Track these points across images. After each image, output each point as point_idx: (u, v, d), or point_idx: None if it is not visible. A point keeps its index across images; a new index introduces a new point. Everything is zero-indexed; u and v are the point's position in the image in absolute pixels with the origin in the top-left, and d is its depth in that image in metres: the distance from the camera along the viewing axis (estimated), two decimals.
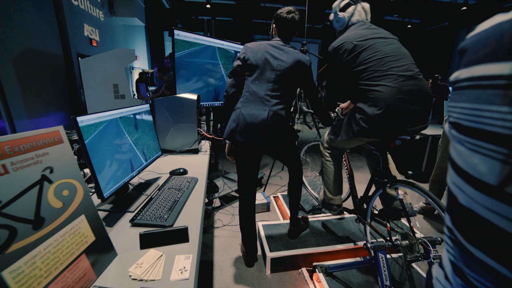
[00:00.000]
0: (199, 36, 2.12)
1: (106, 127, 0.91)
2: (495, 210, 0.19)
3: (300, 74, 1.36)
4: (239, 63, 1.38)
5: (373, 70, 1.19)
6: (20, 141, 0.50)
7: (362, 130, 1.22)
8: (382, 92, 1.15)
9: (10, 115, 2.28)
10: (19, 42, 2.61)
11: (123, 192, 1.07)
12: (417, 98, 1.15)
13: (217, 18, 10.32)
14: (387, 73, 1.17)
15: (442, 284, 0.26)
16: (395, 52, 1.21)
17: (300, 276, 1.54)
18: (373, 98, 1.17)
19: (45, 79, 2.97)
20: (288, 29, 1.38)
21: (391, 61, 1.18)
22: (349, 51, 1.26)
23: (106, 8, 5.02)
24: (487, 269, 0.20)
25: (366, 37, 1.25)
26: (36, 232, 0.50)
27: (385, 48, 1.22)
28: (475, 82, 0.20)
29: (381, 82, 1.17)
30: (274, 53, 1.34)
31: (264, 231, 1.80)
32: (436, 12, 8.70)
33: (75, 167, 0.62)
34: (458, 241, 0.23)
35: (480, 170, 0.20)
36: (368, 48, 1.23)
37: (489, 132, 0.19)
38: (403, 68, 1.17)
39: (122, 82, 2.32)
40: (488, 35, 0.20)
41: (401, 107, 1.14)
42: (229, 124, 1.37)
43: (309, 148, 2.29)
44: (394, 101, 1.13)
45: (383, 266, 1.19)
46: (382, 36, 1.27)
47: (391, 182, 1.32)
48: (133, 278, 0.62)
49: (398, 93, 1.13)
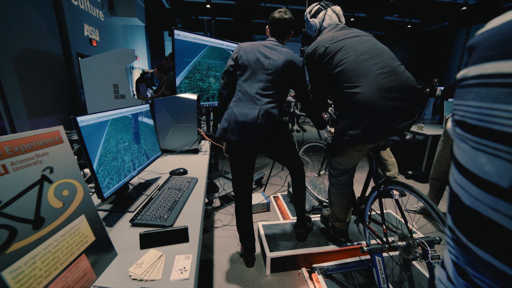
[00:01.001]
0: (199, 36, 2.12)
1: (106, 127, 0.91)
2: (503, 211, 0.18)
3: (291, 74, 1.36)
4: (231, 63, 1.40)
5: (350, 71, 1.15)
6: (20, 141, 0.50)
7: (350, 139, 1.17)
8: (362, 93, 1.11)
9: (10, 115, 2.28)
10: (19, 42, 2.61)
11: (123, 192, 1.07)
12: (401, 94, 1.10)
13: (217, 18, 10.32)
14: (365, 72, 1.13)
15: (444, 284, 0.26)
16: (370, 49, 1.17)
17: (300, 276, 1.54)
18: (354, 101, 1.13)
19: (45, 79, 2.97)
20: (278, 28, 1.40)
21: (367, 59, 1.14)
22: (322, 55, 1.23)
23: (106, 8, 5.02)
24: (491, 269, 0.20)
25: (338, 39, 1.22)
26: (36, 232, 0.50)
27: (359, 47, 1.18)
28: (484, 80, 0.20)
29: (360, 83, 1.12)
30: (266, 52, 1.35)
31: (264, 231, 1.80)
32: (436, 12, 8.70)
33: (75, 167, 0.62)
34: (460, 241, 0.23)
35: (487, 170, 0.19)
36: (341, 49, 1.19)
37: (498, 132, 0.18)
38: (381, 65, 1.12)
39: (122, 82, 2.33)
40: (499, 32, 0.19)
41: (387, 106, 1.09)
42: (221, 123, 1.38)
43: (308, 149, 2.29)
44: (378, 101, 1.09)
45: (380, 269, 1.19)
46: (355, 35, 1.24)
47: (385, 184, 1.31)
48: (133, 278, 0.62)
49: (380, 92, 1.09)
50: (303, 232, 1.69)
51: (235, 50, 1.41)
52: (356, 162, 1.40)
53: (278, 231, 1.82)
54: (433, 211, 1.05)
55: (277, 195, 2.61)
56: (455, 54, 9.92)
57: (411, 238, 1.16)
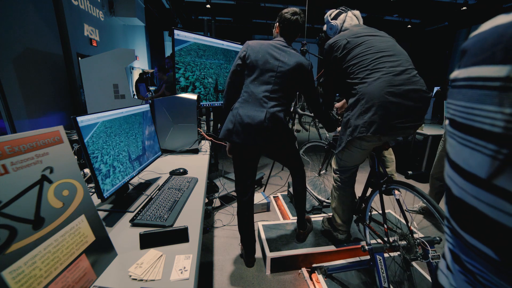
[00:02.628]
0: (199, 36, 2.12)
1: (106, 127, 0.91)
2: (483, 200, 0.21)
3: (300, 77, 1.34)
4: (239, 62, 1.35)
5: (365, 64, 1.20)
6: (20, 141, 0.50)
7: (353, 129, 1.21)
8: (369, 84, 1.15)
9: (10, 115, 2.28)
10: (20, 42, 2.61)
11: (123, 192, 1.07)
12: (409, 94, 1.12)
13: (217, 18, 10.32)
14: (379, 67, 1.16)
15: (444, 273, 0.28)
16: (390, 48, 1.21)
17: (300, 277, 1.54)
18: (362, 92, 1.17)
19: (45, 79, 2.97)
20: (291, 30, 1.36)
21: (384, 56, 1.18)
22: (343, 47, 1.28)
23: (106, 8, 5.02)
24: (478, 253, 0.22)
25: (360, 34, 1.27)
26: (36, 232, 0.50)
27: (380, 44, 1.22)
28: (470, 82, 0.22)
29: (370, 76, 1.17)
30: (276, 54, 1.31)
31: (264, 231, 1.80)
32: (436, 12, 8.70)
33: (75, 167, 0.62)
34: (454, 230, 0.25)
35: (470, 163, 0.22)
36: (362, 43, 1.24)
37: (477, 129, 0.21)
38: (396, 63, 1.16)
39: (122, 82, 2.32)
40: (485, 37, 0.21)
41: (391, 101, 1.11)
42: (225, 124, 1.35)
43: (308, 148, 2.29)
44: (383, 94, 1.11)
45: (381, 268, 1.19)
46: (377, 34, 1.29)
47: (387, 183, 1.31)
48: (133, 278, 0.62)
49: (387, 86, 1.12)
50: (303, 233, 1.69)
51: (243, 48, 1.36)
52: (358, 161, 1.40)
53: (278, 231, 1.82)
54: (435, 209, 1.06)
55: (277, 195, 2.61)
56: (455, 54, 9.92)
57: (412, 238, 1.16)
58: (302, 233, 1.69)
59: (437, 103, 6.96)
